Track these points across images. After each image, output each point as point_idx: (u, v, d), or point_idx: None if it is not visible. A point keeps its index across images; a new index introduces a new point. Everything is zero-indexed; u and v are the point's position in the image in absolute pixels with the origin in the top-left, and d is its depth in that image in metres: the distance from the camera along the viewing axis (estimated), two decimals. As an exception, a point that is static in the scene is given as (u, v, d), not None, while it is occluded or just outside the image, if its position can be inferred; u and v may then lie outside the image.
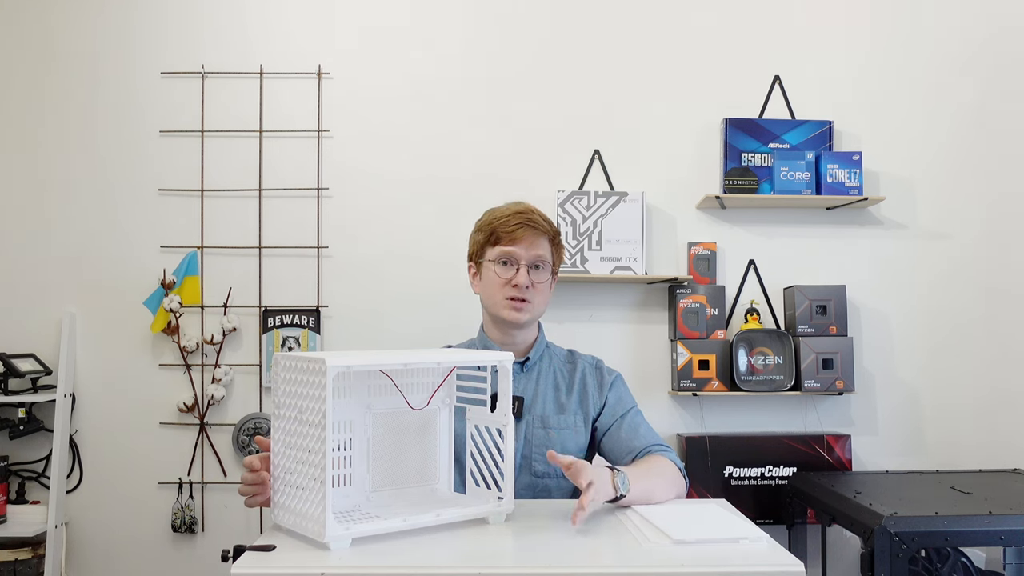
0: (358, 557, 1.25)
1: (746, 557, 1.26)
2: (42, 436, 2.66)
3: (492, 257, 1.82)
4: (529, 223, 1.81)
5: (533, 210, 1.85)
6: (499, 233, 1.81)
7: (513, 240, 1.80)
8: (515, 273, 1.79)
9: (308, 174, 2.72)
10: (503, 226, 1.81)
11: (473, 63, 2.74)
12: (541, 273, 1.82)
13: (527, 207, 1.85)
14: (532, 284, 1.79)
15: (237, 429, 2.67)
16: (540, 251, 1.81)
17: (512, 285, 1.79)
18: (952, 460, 2.70)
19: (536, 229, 1.81)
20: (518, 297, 1.79)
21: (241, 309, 2.70)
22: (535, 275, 1.81)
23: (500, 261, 1.81)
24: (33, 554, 2.52)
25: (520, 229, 1.80)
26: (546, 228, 1.83)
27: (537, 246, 1.81)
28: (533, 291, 1.80)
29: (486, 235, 1.84)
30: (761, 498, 2.58)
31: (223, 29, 2.73)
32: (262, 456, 1.50)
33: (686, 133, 2.74)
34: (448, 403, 1.61)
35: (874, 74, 2.76)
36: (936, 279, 2.74)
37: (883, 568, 1.92)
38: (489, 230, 1.83)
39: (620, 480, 1.50)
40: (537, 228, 1.81)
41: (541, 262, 1.82)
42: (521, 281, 1.78)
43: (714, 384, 2.60)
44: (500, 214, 1.84)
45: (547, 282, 1.84)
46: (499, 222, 1.82)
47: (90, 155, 2.70)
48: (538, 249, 1.81)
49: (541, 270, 1.82)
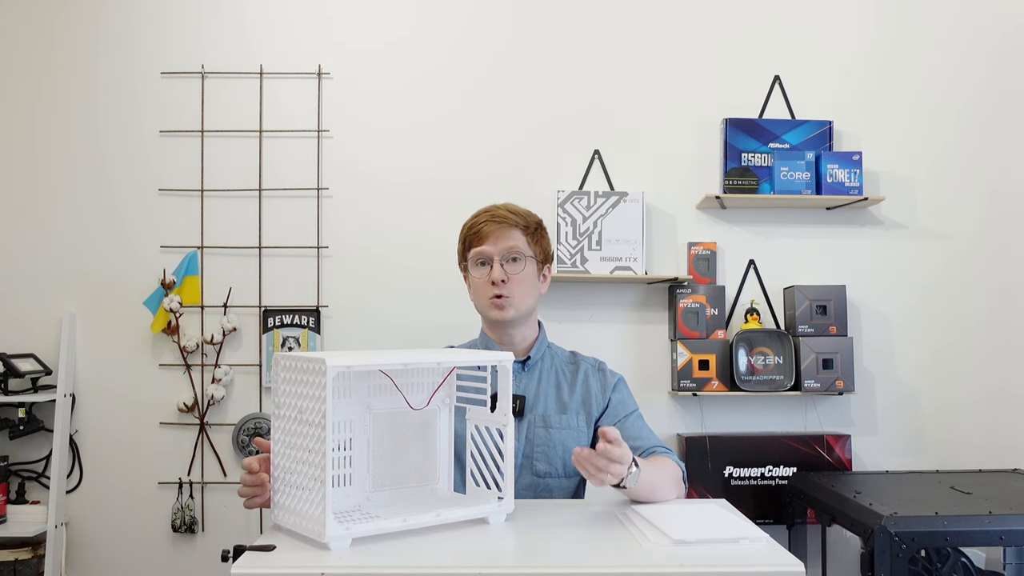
0: (358, 557, 1.25)
1: (746, 557, 1.26)
2: (42, 436, 2.66)
3: (470, 260, 1.86)
4: (493, 219, 1.84)
5: (502, 206, 1.88)
6: (470, 236, 1.86)
7: (481, 239, 1.83)
8: (490, 270, 1.81)
9: (308, 174, 2.72)
10: (472, 228, 1.86)
11: (473, 63, 2.74)
12: (516, 264, 1.83)
13: (495, 205, 1.89)
14: (508, 277, 1.80)
15: (237, 429, 2.67)
16: (511, 243, 1.83)
17: (490, 283, 1.80)
18: (952, 460, 2.70)
19: (501, 223, 1.83)
20: (497, 294, 1.80)
21: (241, 309, 2.70)
22: (510, 267, 1.82)
23: (477, 263, 1.85)
24: (33, 554, 2.52)
25: (486, 226, 1.83)
26: (514, 220, 1.85)
27: (506, 239, 1.83)
28: (511, 285, 1.81)
29: (462, 241, 1.89)
30: (761, 498, 2.58)
31: (223, 29, 2.73)
32: (261, 457, 1.50)
33: (686, 133, 2.74)
34: (448, 403, 1.61)
35: (874, 74, 2.76)
36: (936, 279, 2.74)
37: (883, 568, 1.92)
38: (463, 236, 1.89)
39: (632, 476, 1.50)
40: (503, 221, 1.83)
41: (515, 253, 1.83)
42: (496, 276, 1.80)
43: (714, 384, 2.60)
44: (471, 218, 1.89)
45: (525, 272, 1.84)
46: (470, 225, 1.87)
47: (90, 155, 2.71)
48: (508, 241, 1.83)
49: (517, 262, 1.83)
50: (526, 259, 1.84)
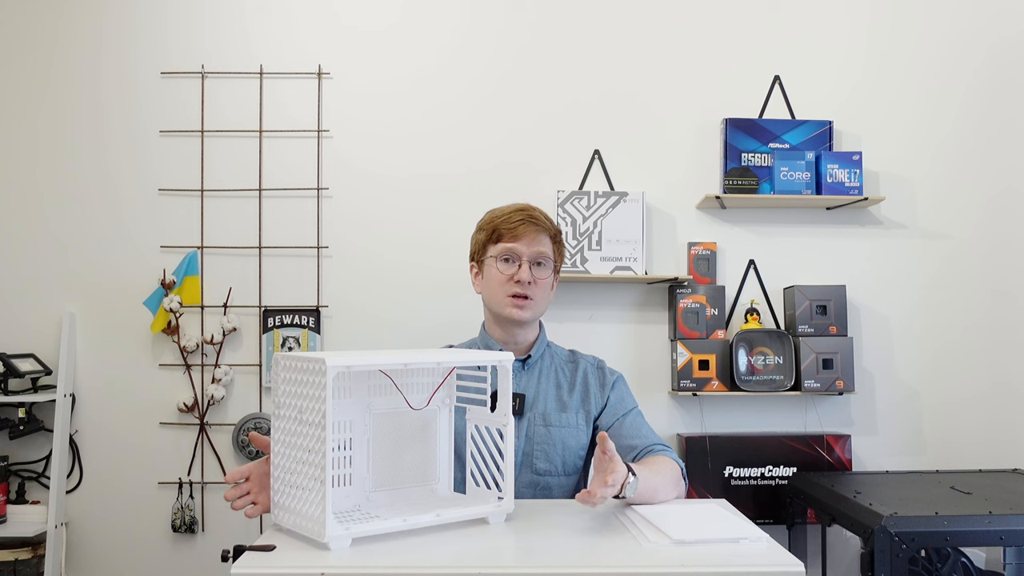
0: (358, 557, 1.26)
1: (746, 557, 1.26)
2: (42, 436, 2.66)
3: (494, 254, 1.84)
4: (531, 219, 1.83)
5: (535, 208, 1.87)
6: (501, 230, 1.83)
7: (515, 236, 1.81)
8: (517, 269, 1.80)
9: (308, 174, 2.72)
10: (505, 223, 1.83)
11: (473, 63, 2.74)
12: (543, 270, 1.83)
13: (528, 205, 1.88)
14: (534, 280, 1.80)
15: (237, 429, 2.67)
16: (542, 248, 1.83)
17: (515, 281, 1.80)
18: (952, 460, 2.70)
19: (538, 226, 1.83)
20: (520, 294, 1.80)
21: (241, 309, 2.70)
22: (537, 272, 1.82)
23: (502, 258, 1.83)
24: (33, 554, 2.52)
25: (522, 226, 1.81)
26: (547, 226, 1.85)
27: (539, 243, 1.82)
28: (535, 288, 1.81)
29: (488, 233, 1.86)
30: (761, 498, 2.58)
31: (223, 29, 2.73)
32: (240, 469, 1.52)
33: (686, 133, 2.74)
34: (448, 403, 1.61)
35: (874, 74, 2.76)
36: (936, 279, 2.74)
37: (883, 568, 1.92)
38: (491, 228, 1.85)
39: (631, 485, 1.50)
40: (539, 225, 1.83)
41: (543, 259, 1.83)
42: (523, 277, 1.79)
43: (714, 384, 2.60)
44: (501, 212, 1.86)
45: (548, 279, 1.85)
46: (501, 219, 1.84)
47: (90, 155, 2.70)
48: (540, 246, 1.82)
49: (543, 267, 1.83)
50: (550, 265, 1.85)
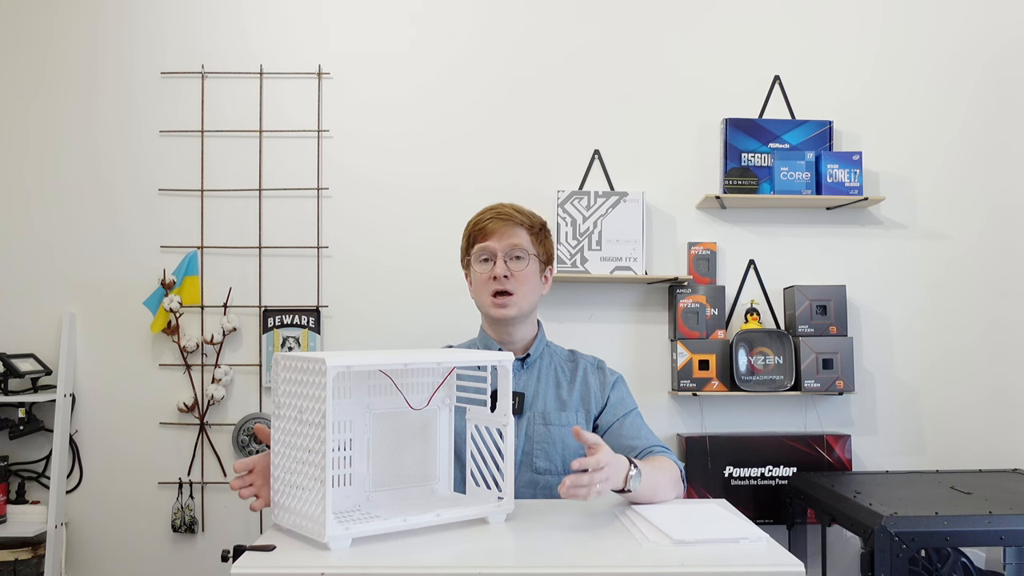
0: (358, 557, 1.26)
1: (746, 557, 1.26)
2: (42, 436, 2.66)
3: (473, 256, 1.87)
4: (499, 216, 1.86)
5: (508, 205, 1.90)
6: (475, 232, 1.87)
7: (486, 235, 1.85)
8: (492, 266, 1.81)
9: (308, 174, 2.72)
10: (477, 224, 1.87)
11: (473, 62, 2.74)
12: (519, 262, 1.84)
13: (502, 204, 1.90)
14: (511, 273, 1.81)
15: (237, 429, 2.67)
16: (515, 240, 1.84)
17: (492, 278, 1.81)
18: (952, 460, 2.70)
19: (508, 220, 1.85)
20: (500, 291, 1.82)
21: (241, 309, 2.70)
22: (513, 265, 1.83)
23: (480, 258, 1.86)
24: (33, 554, 2.52)
25: (491, 223, 1.85)
26: (519, 218, 1.87)
27: (511, 236, 1.84)
28: (515, 281, 1.82)
29: (466, 237, 1.91)
30: (761, 498, 2.58)
31: (223, 29, 2.73)
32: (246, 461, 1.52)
33: (686, 133, 2.74)
34: (448, 403, 1.61)
35: (874, 74, 2.76)
36: (936, 279, 2.74)
37: (883, 568, 1.92)
38: (468, 232, 1.90)
39: (634, 478, 1.50)
40: (509, 219, 1.85)
41: (518, 251, 1.84)
42: (498, 271, 1.81)
43: (714, 384, 2.60)
44: (477, 215, 1.90)
45: (528, 271, 1.85)
46: (475, 221, 1.89)
47: (90, 155, 2.70)
48: (512, 239, 1.84)
49: (520, 260, 1.84)
50: (529, 257, 1.85)
